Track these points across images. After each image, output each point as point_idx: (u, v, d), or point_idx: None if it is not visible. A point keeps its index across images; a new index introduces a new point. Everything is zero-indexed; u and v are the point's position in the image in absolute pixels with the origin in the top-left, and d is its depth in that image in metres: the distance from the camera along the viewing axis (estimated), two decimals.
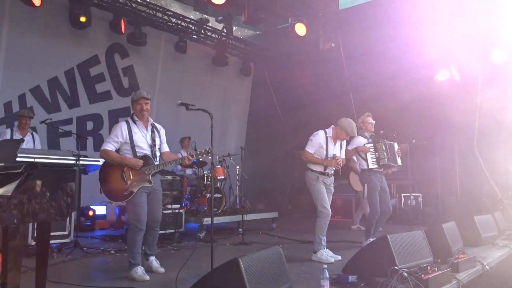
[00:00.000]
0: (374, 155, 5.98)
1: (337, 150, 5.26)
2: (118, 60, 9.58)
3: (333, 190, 5.30)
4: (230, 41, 11.41)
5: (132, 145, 4.24)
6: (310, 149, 5.16)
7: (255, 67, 12.75)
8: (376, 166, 5.94)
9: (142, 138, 4.30)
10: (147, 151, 4.30)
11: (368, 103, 10.28)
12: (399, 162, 6.29)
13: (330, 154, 5.17)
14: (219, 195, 7.66)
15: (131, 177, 4.18)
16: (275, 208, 10.74)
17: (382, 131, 7.00)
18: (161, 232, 6.11)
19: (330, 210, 5.07)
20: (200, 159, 4.45)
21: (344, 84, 10.75)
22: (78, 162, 4.10)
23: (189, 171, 8.56)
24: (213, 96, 11.56)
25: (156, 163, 4.33)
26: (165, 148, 4.57)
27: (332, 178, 5.25)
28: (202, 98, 10.92)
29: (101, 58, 9.23)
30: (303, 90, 11.42)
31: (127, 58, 9.70)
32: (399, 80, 9.37)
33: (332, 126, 5.33)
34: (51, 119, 6.72)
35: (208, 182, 7.60)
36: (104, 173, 4.22)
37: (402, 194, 9.26)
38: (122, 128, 4.27)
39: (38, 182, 3.11)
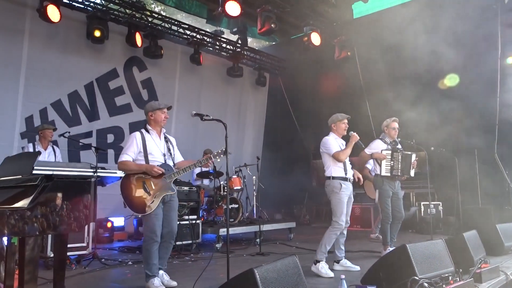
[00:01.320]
0: (389, 163, 5.96)
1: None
2: (137, 73, 9.72)
3: (352, 199, 5.22)
4: (245, 52, 11.48)
5: (146, 154, 4.26)
6: (333, 149, 5.08)
7: (271, 77, 12.78)
8: (389, 174, 5.96)
9: (155, 147, 4.33)
10: (161, 160, 4.30)
11: (385, 110, 10.23)
12: (412, 173, 6.26)
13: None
14: (236, 206, 7.65)
15: (153, 187, 4.19)
16: (293, 218, 10.68)
17: (399, 139, 6.94)
18: (178, 243, 6.14)
19: (345, 223, 4.97)
20: (218, 160, 4.43)
21: (360, 91, 10.70)
22: (95, 174, 4.14)
23: (206, 182, 8.57)
24: (229, 107, 11.63)
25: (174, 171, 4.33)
26: (179, 157, 4.59)
27: (351, 186, 5.16)
28: (219, 109, 11.01)
29: (119, 72, 9.38)
30: (318, 99, 11.37)
31: (145, 71, 9.84)
32: (415, 86, 9.26)
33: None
34: (69, 132, 6.82)
35: (225, 193, 7.59)
36: (126, 187, 4.21)
37: (422, 203, 9.08)
38: (136, 138, 4.31)
39: (59, 195, 3.15)
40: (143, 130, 4.41)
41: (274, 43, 13.27)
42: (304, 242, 7.60)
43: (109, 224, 7.99)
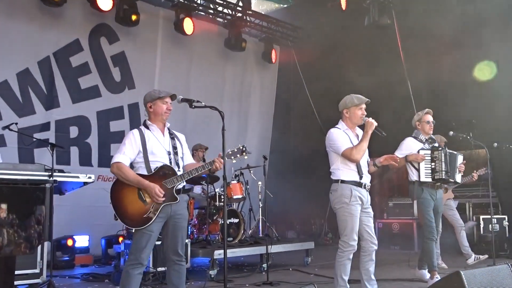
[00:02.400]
0: (430, 165, 6.03)
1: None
2: (106, 46, 9.71)
3: (372, 212, 5.09)
4: (247, 18, 11.45)
5: (145, 154, 4.31)
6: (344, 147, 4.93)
7: (282, 51, 12.73)
8: (430, 179, 6.04)
9: (157, 145, 4.37)
10: (164, 160, 4.35)
11: (432, 96, 10.25)
12: (459, 179, 6.44)
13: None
14: (236, 220, 7.65)
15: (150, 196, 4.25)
16: (310, 237, 10.68)
17: (452, 132, 6.95)
18: (159, 269, 6.15)
19: (356, 243, 4.86)
20: (234, 161, 4.45)
21: (399, 71, 10.65)
22: (51, 178, 4.16)
23: (197, 189, 8.56)
24: (226, 90, 11.63)
25: (181, 173, 4.36)
26: (189, 159, 4.65)
27: (368, 194, 5.04)
28: (214, 93, 11.00)
29: (83, 44, 9.36)
30: (345, 80, 11.33)
31: (116, 43, 9.82)
32: (471, 69, 9.28)
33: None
34: (16, 124, 6.71)
35: (221, 203, 7.57)
36: (117, 194, 4.26)
37: (481, 217, 9.07)
38: (133, 134, 4.37)
39: (3, 206, 3.16)
40: (142, 127, 4.46)
41: (286, 5, 13.22)
42: (325, 268, 7.57)
43: (70, 242, 7.98)
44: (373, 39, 10.82)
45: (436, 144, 6.27)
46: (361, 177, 4.91)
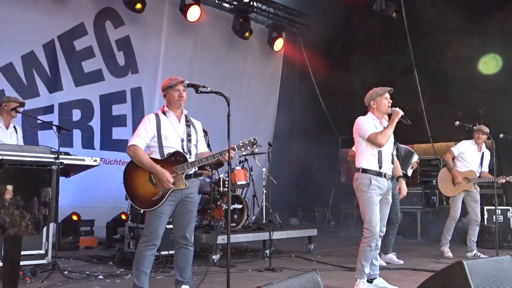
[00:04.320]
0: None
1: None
2: (111, 30, 9.72)
3: (391, 200, 5.27)
4: (254, 3, 11.40)
5: (160, 139, 4.45)
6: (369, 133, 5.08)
7: (288, 37, 12.70)
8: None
9: (172, 131, 4.49)
10: (177, 146, 4.48)
11: (439, 84, 10.25)
12: (409, 173, 7.01)
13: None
14: (240, 206, 7.69)
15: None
16: (314, 224, 10.72)
17: (458, 122, 6.98)
18: (163, 252, 6.21)
19: (378, 230, 5.01)
20: (244, 153, 4.53)
21: (407, 60, 10.65)
22: (57, 160, 4.20)
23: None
24: (229, 76, 11.60)
25: (192, 160, 4.48)
26: (203, 147, 4.79)
27: (390, 183, 5.19)
28: (216, 79, 10.96)
29: (88, 28, 9.38)
30: (352, 68, 11.32)
31: (121, 27, 9.83)
32: (477, 57, 9.25)
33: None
34: (23, 106, 6.80)
35: (225, 189, 7.61)
36: (130, 175, 4.45)
37: (486, 208, 9.08)
38: (149, 119, 4.51)
39: (9, 187, 3.20)
40: (159, 112, 4.61)
41: None
42: (328, 256, 7.63)
43: (74, 217, 8.05)
44: (380, 27, 10.79)
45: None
46: (380, 166, 5.04)
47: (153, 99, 9.95)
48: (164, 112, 4.56)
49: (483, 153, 7.74)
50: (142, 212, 4.51)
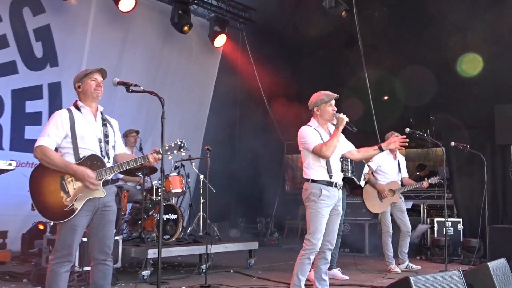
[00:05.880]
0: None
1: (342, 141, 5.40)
2: (29, 17, 9.38)
3: (341, 211, 5.40)
4: None
5: (74, 140, 4.22)
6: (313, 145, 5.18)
7: (231, 33, 12.70)
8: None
9: (88, 130, 4.30)
10: (94, 148, 4.29)
11: (390, 83, 10.53)
12: (362, 183, 6.95)
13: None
14: (174, 216, 7.64)
15: (75, 186, 4.16)
16: (255, 236, 10.78)
17: (408, 129, 7.17)
18: (86, 268, 6.07)
19: (320, 243, 5.11)
20: (170, 157, 4.45)
21: (357, 61, 10.85)
22: None
23: (130, 182, 8.50)
24: (160, 74, 11.45)
25: (111, 165, 4.32)
26: (121, 147, 4.62)
27: (341, 193, 5.33)
28: (147, 77, 10.82)
29: (3, 14, 9.03)
30: (300, 68, 11.46)
31: (42, 15, 9.52)
32: (435, 54, 9.55)
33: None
34: None
35: (158, 197, 7.54)
36: (37, 181, 4.18)
37: (436, 220, 9.39)
38: (61, 115, 4.26)
39: None
40: (72, 108, 4.37)
41: None
42: (269, 271, 7.67)
43: None
44: (332, 25, 10.93)
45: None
46: (331, 176, 5.16)
47: (74, 96, 9.70)
48: (77, 107, 4.35)
49: (398, 160, 8.04)
50: (52, 224, 4.29)
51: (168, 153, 4.35)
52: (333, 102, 5.30)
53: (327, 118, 5.31)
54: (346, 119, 5.14)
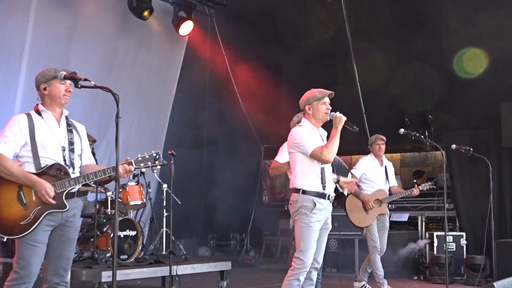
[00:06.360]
0: None
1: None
2: None
3: (330, 226, 5.44)
4: None
5: (34, 148, 4.26)
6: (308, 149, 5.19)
7: (199, 18, 12.66)
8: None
9: (50, 137, 4.33)
10: (57, 157, 4.32)
11: (382, 77, 10.58)
12: (346, 192, 6.83)
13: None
14: (133, 233, 7.63)
15: (33, 199, 4.19)
16: (228, 255, 10.75)
17: (403, 130, 7.19)
18: None
19: (311, 262, 5.15)
20: (143, 170, 4.47)
21: (346, 55, 10.89)
22: None
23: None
24: (122, 67, 11.36)
25: (76, 175, 4.35)
26: (89, 157, 4.66)
27: (331, 205, 5.39)
28: (101, 70, 10.73)
29: None
30: (280, 62, 11.47)
31: None
32: (434, 45, 9.64)
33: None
34: None
35: (113, 210, 7.50)
36: None
37: (435, 234, 9.42)
38: (19, 120, 4.30)
39: None
40: (32, 112, 4.39)
41: None
42: None
43: None
44: (316, 10, 10.94)
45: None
46: (324, 187, 5.21)
47: (13, 96, 9.52)
48: (38, 112, 4.39)
49: (385, 166, 8.09)
50: (5, 240, 4.30)
51: (141, 165, 4.39)
52: (327, 100, 5.33)
53: (320, 118, 5.33)
54: (344, 118, 5.21)
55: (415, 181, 10.42)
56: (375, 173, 7.96)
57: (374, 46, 10.57)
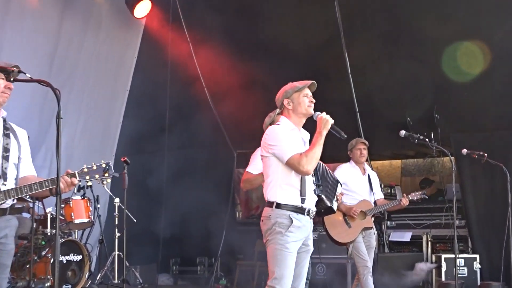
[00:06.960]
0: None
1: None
2: None
3: (312, 247, 5.35)
4: None
5: None
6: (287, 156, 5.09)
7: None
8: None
9: None
10: None
11: (379, 69, 10.65)
12: (335, 206, 6.71)
13: None
14: (78, 258, 7.63)
15: None
16: (194, 283, 10.75)
17: (403, 132, 7.23)
18: None
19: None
20: (89, 182, 4.46)
21: (334, 35, 10.94)
22: None
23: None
24: (65, 56, 11.33)
25: (7, 188, 4.32)
26: (29, 168, 4.65)
27: (312, 223, 5.29)
28: (42, 59, 10.69)
29: None
30: (256, 55, 11.49)
31: None
32: (440, 31, 9.73)
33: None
34: None
35: (53, 230, 7.46)
36: None
37: (443, 256, 9.47)
38: None
39: None
40: None
41: None
42: None
43: None
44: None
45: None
46: (303, 200, 5.07)
47: None
48: None
49: (368, 175, 8.10)
50: None
51: (87, 177, 4.40)
52: (309, 92, 5.22)
53: (303, 112, 5.20)
54: (331, 121, 5.09)
55: (424, 191, 10.41)
56: (357, 182, 7.93)
57: (368, 28, 10.64)
